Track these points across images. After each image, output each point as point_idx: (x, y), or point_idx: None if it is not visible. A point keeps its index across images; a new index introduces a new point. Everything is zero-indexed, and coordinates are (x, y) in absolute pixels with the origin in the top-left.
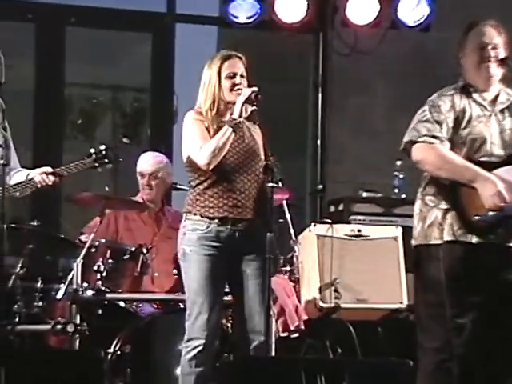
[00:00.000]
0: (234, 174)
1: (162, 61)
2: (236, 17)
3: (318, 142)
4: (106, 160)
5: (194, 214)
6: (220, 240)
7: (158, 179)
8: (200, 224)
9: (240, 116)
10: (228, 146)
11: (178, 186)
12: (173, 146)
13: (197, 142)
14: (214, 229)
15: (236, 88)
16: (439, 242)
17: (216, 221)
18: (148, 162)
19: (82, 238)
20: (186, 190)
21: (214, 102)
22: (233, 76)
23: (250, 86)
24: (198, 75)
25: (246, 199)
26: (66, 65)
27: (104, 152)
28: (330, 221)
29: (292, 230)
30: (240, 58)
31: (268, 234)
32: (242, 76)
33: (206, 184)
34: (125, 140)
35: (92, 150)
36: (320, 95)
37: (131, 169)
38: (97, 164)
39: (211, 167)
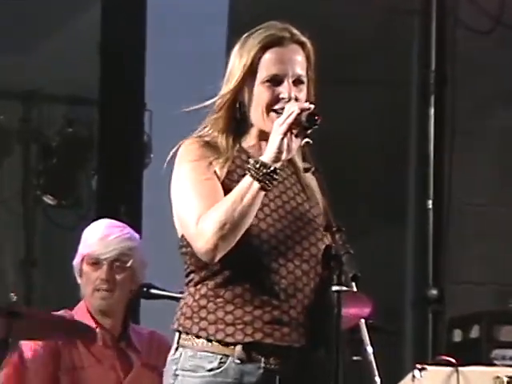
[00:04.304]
0: (277, 261)
1: (122, 44)
2: None
3: (429, 202)
4: None
5: (197, 336)
6: None
7: (127, 271)
8: (207, 357)
9: (277, 158)
10: (252, 214)
11: (154, 291)
12: (142, 210)
13: (193, 206)
14: (234, 367)
15: (277, 107)
16: None
17: (238, 350)
18: (109, 237)
19: None
20: (171, 299)
21: (232, 119)
22: (277, 81)
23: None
24: (188, 72)
25: (299, 308)
26: None
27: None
28: (453, 360)
29: (377, 377)
30: (302, 43)
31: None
32: (298, 81)
33: (219, 279)
34: (48, 200)
35: None
36: (432, 111)
37: (59, 254)
38: None
39: (218, 256)
